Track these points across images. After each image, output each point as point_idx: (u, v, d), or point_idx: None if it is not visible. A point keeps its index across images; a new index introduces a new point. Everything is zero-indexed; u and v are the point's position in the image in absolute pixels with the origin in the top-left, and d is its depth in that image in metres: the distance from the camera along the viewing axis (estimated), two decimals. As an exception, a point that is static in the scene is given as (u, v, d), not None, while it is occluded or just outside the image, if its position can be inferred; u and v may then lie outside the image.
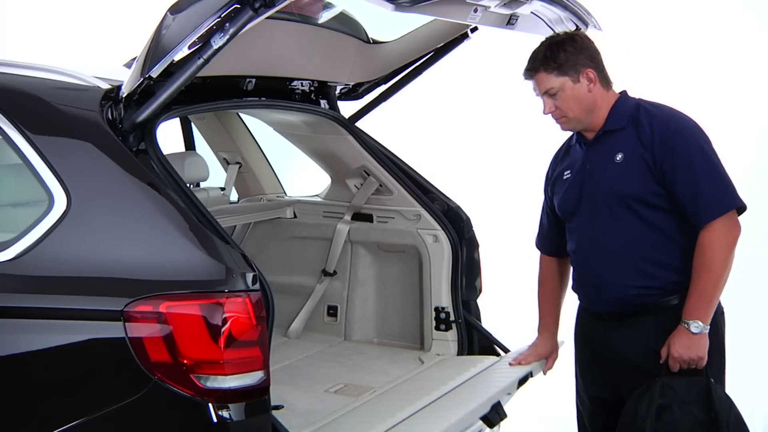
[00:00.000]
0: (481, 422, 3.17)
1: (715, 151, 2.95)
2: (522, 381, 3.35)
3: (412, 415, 3.05)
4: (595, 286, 3.09)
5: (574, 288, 3.23)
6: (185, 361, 2.40)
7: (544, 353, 3.42)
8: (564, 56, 2.99)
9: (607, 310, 3.08)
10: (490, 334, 3.89)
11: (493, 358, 3.70)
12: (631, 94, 3.12)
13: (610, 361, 3.08)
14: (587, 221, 3.09)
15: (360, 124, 4.08)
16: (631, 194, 2.96)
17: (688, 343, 2.90)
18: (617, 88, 3.11)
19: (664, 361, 2.93)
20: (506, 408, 3.27)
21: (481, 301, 4.00)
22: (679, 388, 2.90)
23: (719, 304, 2.99)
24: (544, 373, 3.44)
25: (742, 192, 2.97)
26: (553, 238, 3.33)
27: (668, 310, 2.95)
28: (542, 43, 3.07)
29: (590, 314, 3.17)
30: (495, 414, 3.15)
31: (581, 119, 3.05)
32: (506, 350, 3.84)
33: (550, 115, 3.07)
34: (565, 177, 3.17)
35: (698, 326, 2.89)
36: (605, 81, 3.06)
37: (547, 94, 3.04)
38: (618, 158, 2.99)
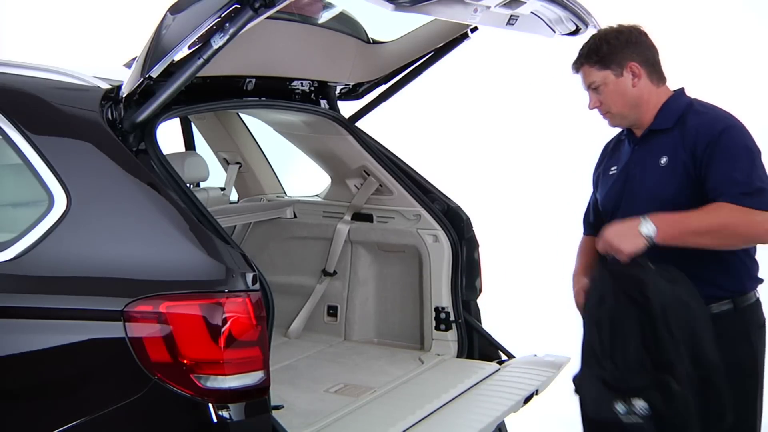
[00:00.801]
0: None
1: (761, 159, 2.84)
2: (527, 399, 3.35)
3: (413, 425, 3.05)
4: None
5: None
6: (185, 361, 2.40)
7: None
8: (606, 49, 2.95)
9: None
10: (490, 335, 3.89)
11: (493, 366, 3.69)
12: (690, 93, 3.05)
13: None
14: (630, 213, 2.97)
15: (360, 124, 4.08)
16: (672, 201, 2.86)
17: (624, 230, 2.77)
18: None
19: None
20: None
21: (481, 302, 4.00)
22: (619, 276, 2.77)
23: (756, 315, 2.94)
24: None
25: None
26: (595, 224, 3.22)
27: None
28: (590, 37, 3.03)
29: None
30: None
31: (626, 115, 2.99)
32: (506, 352, 3.84)
33: (596, 110, 3.01)
34: (611, 173, 3.11)
35: (648, 228, 2.73)
36: (656, 76, 2.99)
37: (591, 88, 3.00)
38: (663, 162, 2.92)
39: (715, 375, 2.73)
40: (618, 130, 3.18)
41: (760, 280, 3.01)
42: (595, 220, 3.24)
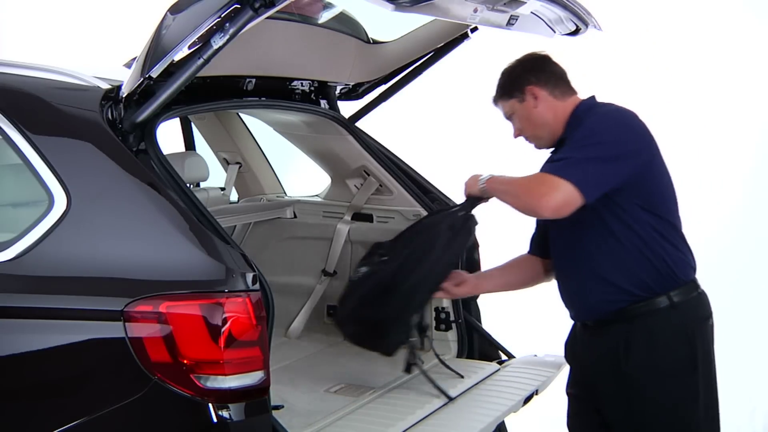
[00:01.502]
0: None
1: (610, 147, 2.86)
2: (527, 399, 3.36)
3: (413, 425, 3.05)
4: (575, 297, 3.10)
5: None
6: (185, 361, 2.40)
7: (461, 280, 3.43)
8: (507, 80, 3.11)
9: (582, 320, 3.10)
10: (490, 335, 3.89)
11: (494, 366, 3.69)
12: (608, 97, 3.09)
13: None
14: (556, 233, 3.12)
15: (360, 124, 4.07)
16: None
17: (474, 178, 3.16)
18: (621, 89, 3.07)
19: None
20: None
21: (481, 302, 4.00)
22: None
23: (696, 309, 2.97)
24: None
25: (742, 192, 2.95)
26: (535, 239, 3.35)
27: (637, 318, 2.92)
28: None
29: (574, 323, 3.19)
30: None
31: (540, 135, 3.09)
32: (506, 352, 3.84)
33: (521, 138, 3.14)
34: None
35: (483, 178, 3.11)
36: (559, 91, 3.06)
37: (507, 119, 3.14)
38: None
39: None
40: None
41: (694, 270, 3.02)
42: (536, 233, 3.35)
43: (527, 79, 3.06)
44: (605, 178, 2.84)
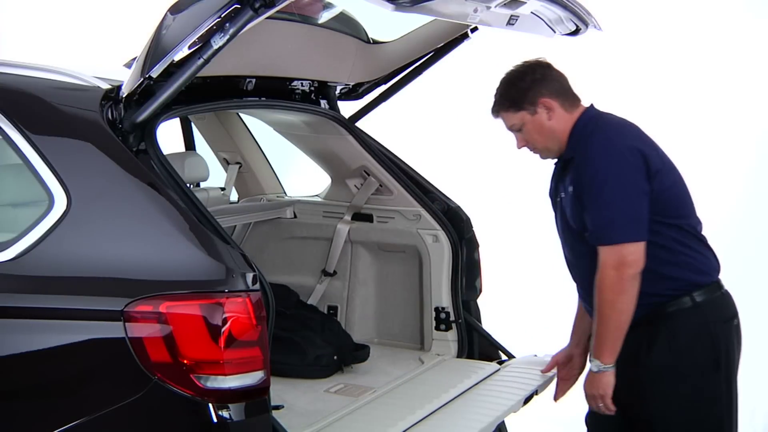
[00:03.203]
0: None
1: (626, 177, 2.86)
2: (527, 399, 3.35)
3: (413, 425, 3.05)
4: (589, 304, 3.10)
5: None
6: (185, 361, 2.40)
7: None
8: (515, 92, 3.04)
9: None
10: (490, 335, 3.89)
11: (493, 365, 3.69)
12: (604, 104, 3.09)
13: None
14: (569, 249, 3.13)
15: (360, 124, 4.07)
16: (578, 229, 2.99)
17: (590, 379, 2.98)
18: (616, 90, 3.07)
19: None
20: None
21: (481, 302, 4.00)
22: None
23: (719, 309, 2.97)
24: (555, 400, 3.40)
25: (742, 192, 2.95)
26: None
27: (660, 319, 2.94)
28: (500, 82, 3.11)
29: None
30: None
31: (550, 147, 3.07)
32: (506, 351, 3.84)
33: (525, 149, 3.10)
34: (557, 200, 3.17)
35: (596, 365, 2.92)
36: (568, 103, 3.04)
37: (513, 130, 3.09)
38: (570, 190, 3.00)
39: None
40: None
41: (716, 271, 3.03)
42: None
43: (539, 91, 3.01)
44: (643, 211, 2.85)
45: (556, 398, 3.38)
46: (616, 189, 2.86)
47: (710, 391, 2.96)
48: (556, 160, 3.17)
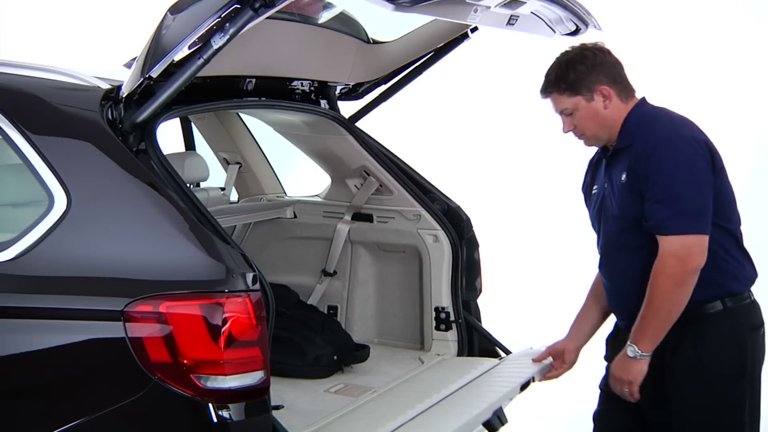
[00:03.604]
0: (482, 427, 3.16)
1: (696, 167, 2.82)
2: (524, 386, 3.35)
3: (412, 419, 3.05)
4: (615, 301, 3.09)
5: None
6: (185, 361, 2.40)
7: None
8: (574, 75, 2.95)
9: (625, 326, 3.07)
10: (490, 335, 3.89)
11: (493, 361, 3.70)
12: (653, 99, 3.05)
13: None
14: (606, 242, 3.08)
15: (360, 124, 4.08)
16: (635, 218, 2.90)
17: (623, 363, 2.93)
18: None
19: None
20: (507, 409, 3.27)
21: (481, 301, 4.00)
22: None
23: (748, 317, 2.94)
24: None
25: (742, 192, 2.94)
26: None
27: (688, 321, 2.89)
28: (554, 62, 3.03)
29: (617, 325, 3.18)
30: (496, 419, 3.15)
31: (600, 136, 3.01)
32: (506, 351, 3.84)
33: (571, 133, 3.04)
34: (593, 192, 3.15)
35: (633, 351, 2.88)
36: (624, 93, 2.99)
37: (563, 113, 3.01)
38: (623, 179, 2.93)
39: None
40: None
41: (752, 282, 3.01)
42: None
43: (597, 77, 2.94)
44: (709, 204, 2.81)
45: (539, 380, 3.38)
46: (685, 178, 2.79)
47: (734, 398, 2.93)
48: (594, 154, 3.12)
